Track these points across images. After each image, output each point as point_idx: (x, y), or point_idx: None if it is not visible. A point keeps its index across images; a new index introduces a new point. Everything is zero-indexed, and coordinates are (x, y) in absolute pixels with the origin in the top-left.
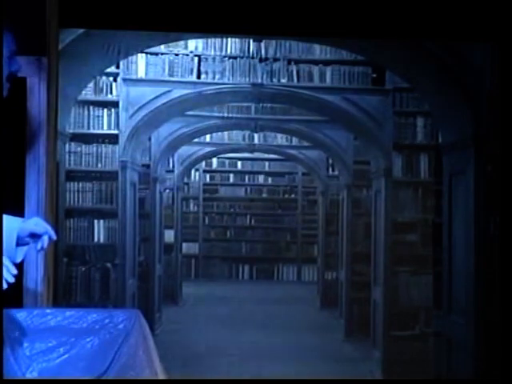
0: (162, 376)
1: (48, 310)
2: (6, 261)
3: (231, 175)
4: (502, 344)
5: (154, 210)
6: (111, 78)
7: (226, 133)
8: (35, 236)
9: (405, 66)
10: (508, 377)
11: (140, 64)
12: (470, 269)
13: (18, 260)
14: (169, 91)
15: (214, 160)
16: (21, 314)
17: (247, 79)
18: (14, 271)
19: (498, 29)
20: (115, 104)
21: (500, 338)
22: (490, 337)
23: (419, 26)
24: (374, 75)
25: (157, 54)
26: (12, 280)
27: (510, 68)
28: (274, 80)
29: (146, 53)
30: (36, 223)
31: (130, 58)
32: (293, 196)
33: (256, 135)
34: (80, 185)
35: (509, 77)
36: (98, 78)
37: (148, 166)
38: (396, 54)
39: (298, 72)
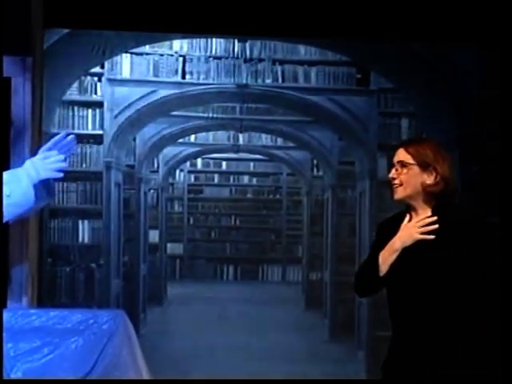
0: (146, 376)
1: (32, 311)
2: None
3: (216, 176)
4: (502, 344)
5: (138, 210)
6: (96, 78)
7: (210, 133)
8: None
9: (390, 67)
10: (508, 377)
11: (125, 64)
12: None
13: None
14: (154, 91)
15: (199, 160)
16: (5, 315)
17: (232, 80)
18: (64, 164)
19: (482, 30)
20: (100, 104)
21: (500, 338)
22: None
23: (405, 27)
24: (359, 76)
25: (141, 54)
26: (64, 165)
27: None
28: (259, 80)
29: (131, 53)
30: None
31: (114, 58)
32: (278, 196)
33: (241, 136)
34: (64, 185)
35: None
36: (83, 78)
37: (133, 167)
38: (381, 54)
39: (282, 72)
